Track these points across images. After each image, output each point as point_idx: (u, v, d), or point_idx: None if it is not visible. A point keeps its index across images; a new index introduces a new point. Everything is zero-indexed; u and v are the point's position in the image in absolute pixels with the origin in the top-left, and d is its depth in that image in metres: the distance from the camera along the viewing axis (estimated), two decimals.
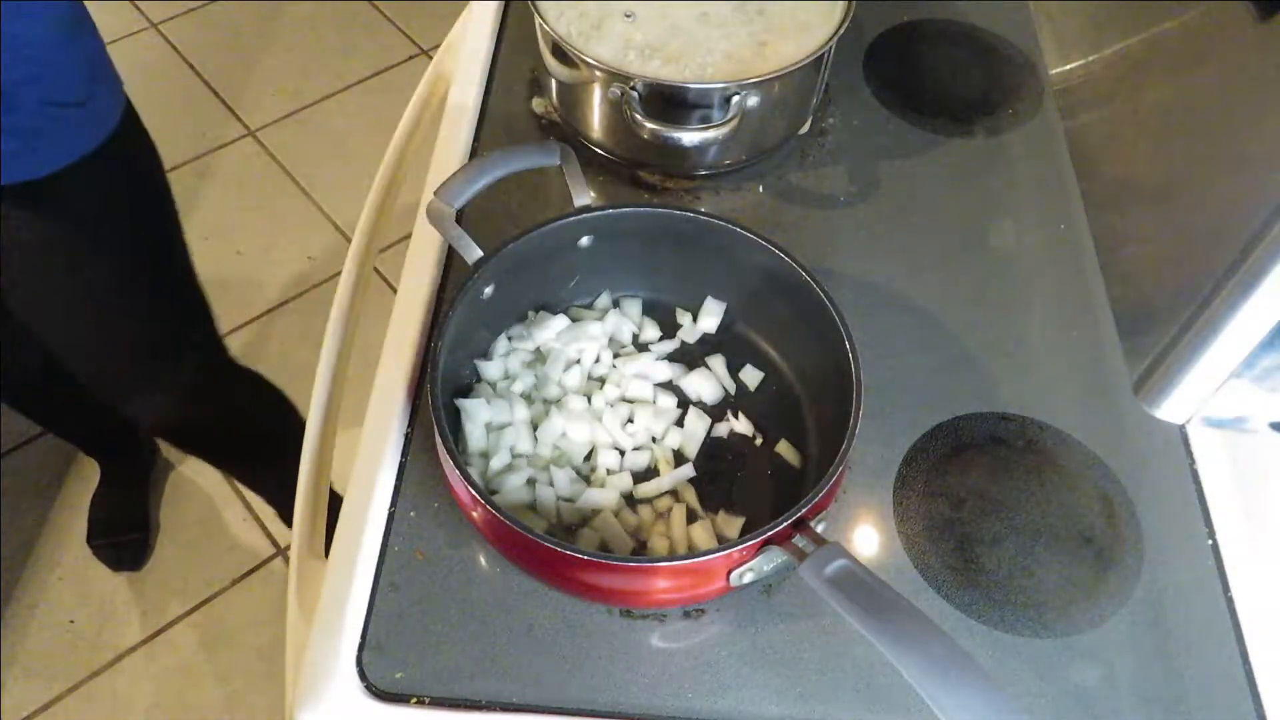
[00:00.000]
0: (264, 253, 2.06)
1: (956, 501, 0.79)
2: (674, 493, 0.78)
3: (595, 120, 0.95)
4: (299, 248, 2.08)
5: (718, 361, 0.85)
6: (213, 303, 1.24)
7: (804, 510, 0.66)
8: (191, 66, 2.35)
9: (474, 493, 0.67)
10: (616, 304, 0.88)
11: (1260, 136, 0.39)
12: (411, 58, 2.47)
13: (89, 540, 1.69)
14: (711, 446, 0.82)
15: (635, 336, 0.86)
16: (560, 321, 0.84)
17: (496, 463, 0.77)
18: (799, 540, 0.66)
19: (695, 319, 0.87)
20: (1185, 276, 0.43)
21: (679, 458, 0.81)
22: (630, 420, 0.81)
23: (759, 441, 0.82)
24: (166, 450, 1.81)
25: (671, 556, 0.73)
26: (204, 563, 1.70)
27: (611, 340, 0.85)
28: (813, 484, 0.68)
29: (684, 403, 0.83)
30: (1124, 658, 0.72)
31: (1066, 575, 0.76)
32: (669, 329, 0.87)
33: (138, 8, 2.53)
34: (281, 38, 2.49)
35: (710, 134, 0.87)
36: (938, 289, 0.92)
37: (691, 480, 0.79)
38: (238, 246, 2.04)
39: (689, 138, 0.87)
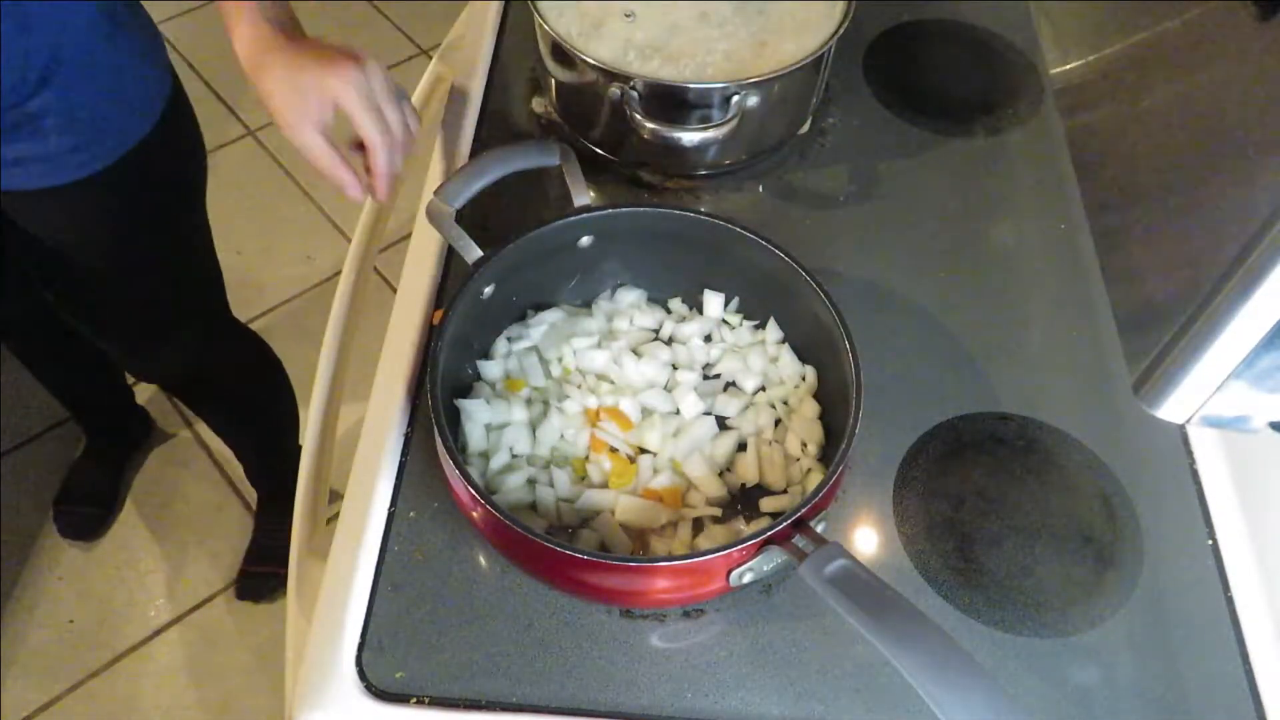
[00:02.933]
0: (264, 253, 2.06)
1: (956, 501, 0.79)
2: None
3: (595, 120, 0.95)
4: (299, 248, 2.07)
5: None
6: None
7: (804, 510, 0.66)
8: (191, 66, 2.35)
9: (474, 493, 0.67)
10: (613, 294, 0.88)
11: (1260, 136, 0.39)
12: (411, 58, 2.46)
13: (54, 503, 1.70)
14: None
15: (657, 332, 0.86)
16: (554, 314, 0.84)
17: (496, 463, 0.77)
18: (799, 540, 0.66)
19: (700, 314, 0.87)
20: (1185, 276, 0.43)
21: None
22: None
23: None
24: (167, 450, 1.81)
25: (671, 556, 0.73)
26: (204, 562, 1.70)
27: (615, 334, 0.85)
28: (812, 484, 0.68)
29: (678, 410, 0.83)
30: (1124, 658, 0.73)
31: (1066, 575, 0.76)
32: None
33: None
34: None
35: (710, 134, 0.87)
36: (938, 289, 0.92)
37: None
38: (238, 246, 2.04)
39: (689, 138, 0.87)
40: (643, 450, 0.79)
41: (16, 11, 0.81)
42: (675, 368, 0.84)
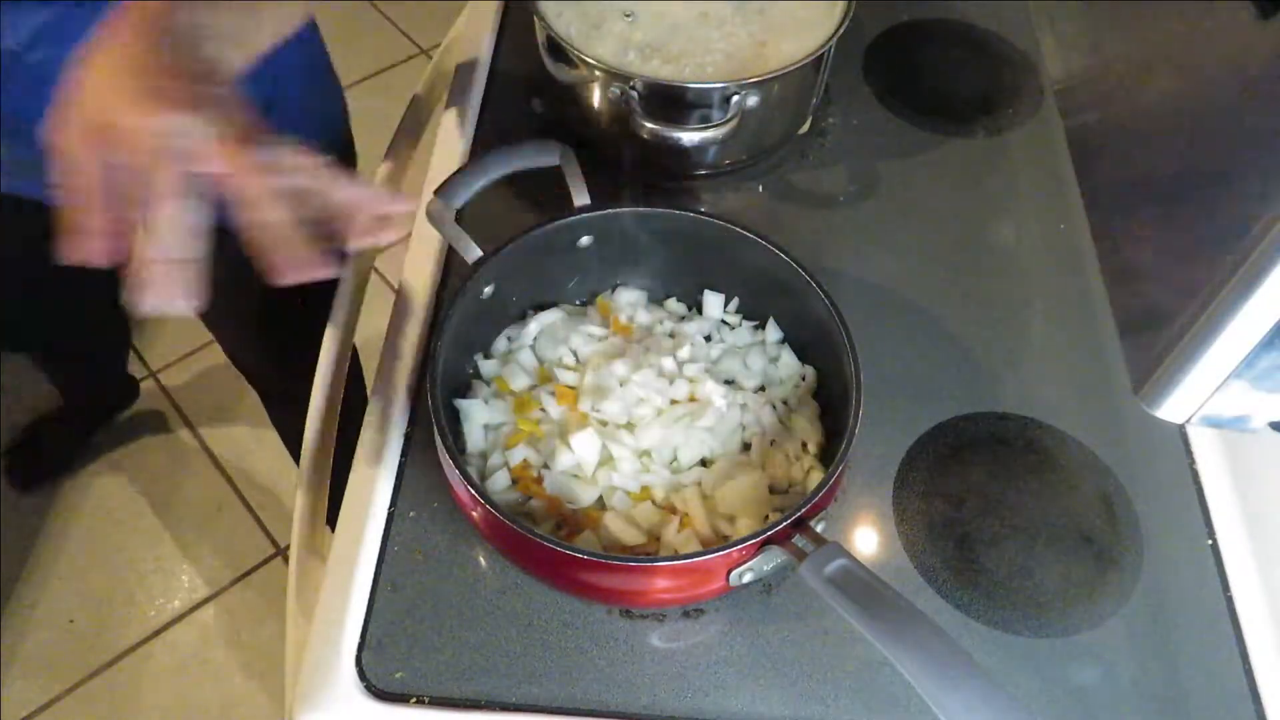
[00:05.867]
0: None
1: (956, 501, 0.79)
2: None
3: (595, 120, 0.95)
4: None
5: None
6: None
7: (804, 510, 0.66)
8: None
9: (474, 493, 0.67)
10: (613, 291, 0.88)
11: (1260, 136, 0.39)
12: (411, 58, 2.47)
13: (12, 448, 1.72)
14: None
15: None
16: (552, 315, 0.84)
17: (495, 462, 0.77)
18: (799, 540, 0.66)
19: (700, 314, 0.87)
20: (1185, 276, 0.43)
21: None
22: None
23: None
24: (168, 450, 1.81)
25: (671, 556, 0.73)
26: (204, 562, 1.70)
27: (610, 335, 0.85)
28: (813, 484, 0.68)
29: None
30: (1124, 658, 0.73)
31: (1066, 575, 0.76)
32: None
33: None
34: None
35: (710, 134, 0.87)
36: (938, 289, 0.92)
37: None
38: None
39: (689, 138, 0.87)
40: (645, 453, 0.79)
41: None
42: (680, 365, 0.84)
